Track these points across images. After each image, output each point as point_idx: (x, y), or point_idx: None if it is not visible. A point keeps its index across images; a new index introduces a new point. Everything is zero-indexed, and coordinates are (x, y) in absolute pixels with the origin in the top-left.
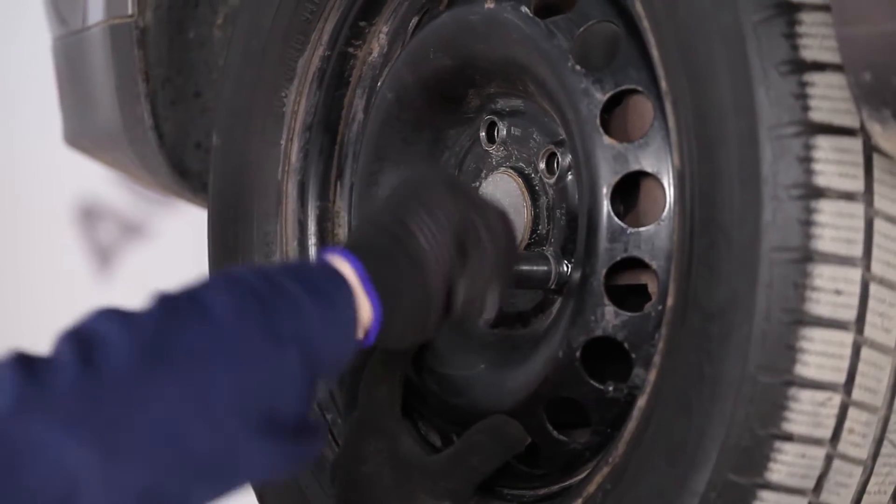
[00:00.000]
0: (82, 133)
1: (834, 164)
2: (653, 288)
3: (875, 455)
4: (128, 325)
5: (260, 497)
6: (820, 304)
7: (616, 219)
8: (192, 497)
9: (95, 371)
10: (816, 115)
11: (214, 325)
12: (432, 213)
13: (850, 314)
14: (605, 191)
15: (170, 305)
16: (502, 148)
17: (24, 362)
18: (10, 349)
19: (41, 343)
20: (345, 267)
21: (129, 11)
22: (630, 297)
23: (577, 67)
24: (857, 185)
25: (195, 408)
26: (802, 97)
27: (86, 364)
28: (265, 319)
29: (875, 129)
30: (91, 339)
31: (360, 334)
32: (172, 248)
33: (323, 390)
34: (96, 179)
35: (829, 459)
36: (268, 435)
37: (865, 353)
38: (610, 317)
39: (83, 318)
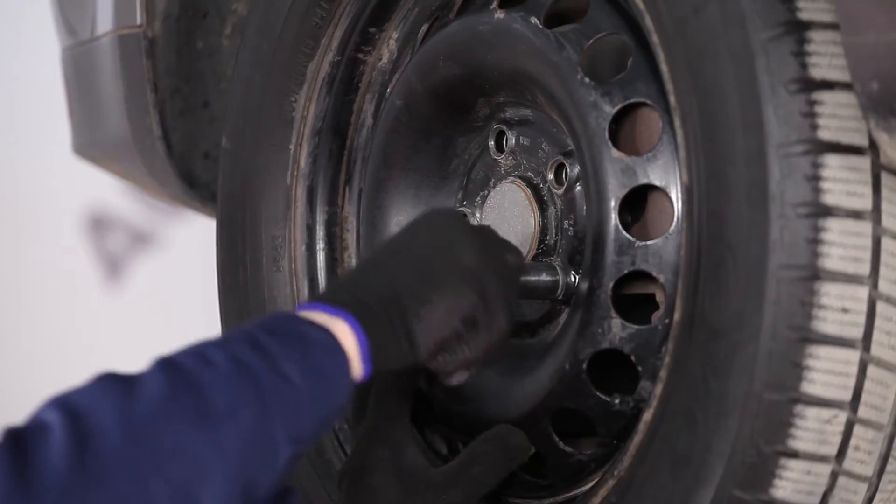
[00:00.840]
0: (91, 143)
1: (842, 182)
2: (660, 298)
3: (880, 472)
4: (125, 415)
5: None
6: (827, 322)
7: (624, 232)
8: None
9: (87, 468)
10: (825, 134)
11: (211, 430)
12: (447, 305)
13: (857, 332)
14: (612, 203)
15: (171, 393)
16: (511, 157)
17: (13, 448)
18: (2, 427)
19: (50, 350)
20: (350, 340)
21: (138, 22)
22: (637, 307)
23: (587, 80)
24: (865, 203)
25: None
26: (811, 115)
27: (78, 458)
28: (263, 425)
29: (882, 139)
30: (86, 430)
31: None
32: (182, 257)
33: None
34: (105, 189)
35: (834, 476)
36: None
37: (872, 370)
38: (617, 329)
39: (81, 388)
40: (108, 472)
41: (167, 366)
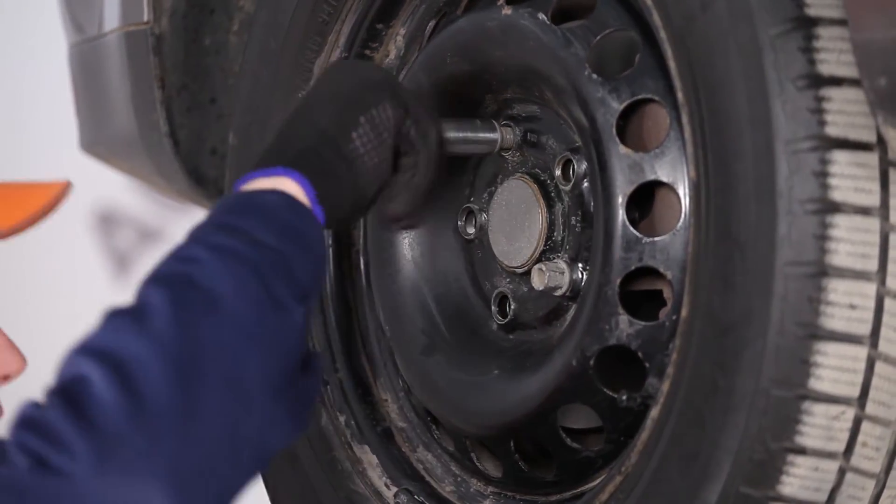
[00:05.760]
0: (98, 140)
1: (850, 178)
2: (667, 294)
3: (888, 468)
4: (148, 337)
5: (273, 497)
6: (834, 319)
7: (631, 228)
8: (244, 481)
9: (142, 406)
10: (833, 130)
11: (226, 315)
12: (373, 122)
13: (865, 329)
14: (620, 200)
15: (175, 299)
16: (518, 153)
17: (71, 407)
18: (45, 386)
19: (58, 347)
20: (297, 191)
21: (145, 18)
22: (644, 303)
23: (594, 76)
24: (873, 199)
25: (237, 404)
26: (819, 112)
27: (130, 398)
28: (267, 293)
29: (890, 135)
30: (122, 364)
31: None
32: None
33: None
34: (114, 186)
35: (841, 473)
36: (288, 390)
37: (879, 367)
38: (624, 326)
39: (99, 332)
40: (165, 404)
41: (157, 280)
